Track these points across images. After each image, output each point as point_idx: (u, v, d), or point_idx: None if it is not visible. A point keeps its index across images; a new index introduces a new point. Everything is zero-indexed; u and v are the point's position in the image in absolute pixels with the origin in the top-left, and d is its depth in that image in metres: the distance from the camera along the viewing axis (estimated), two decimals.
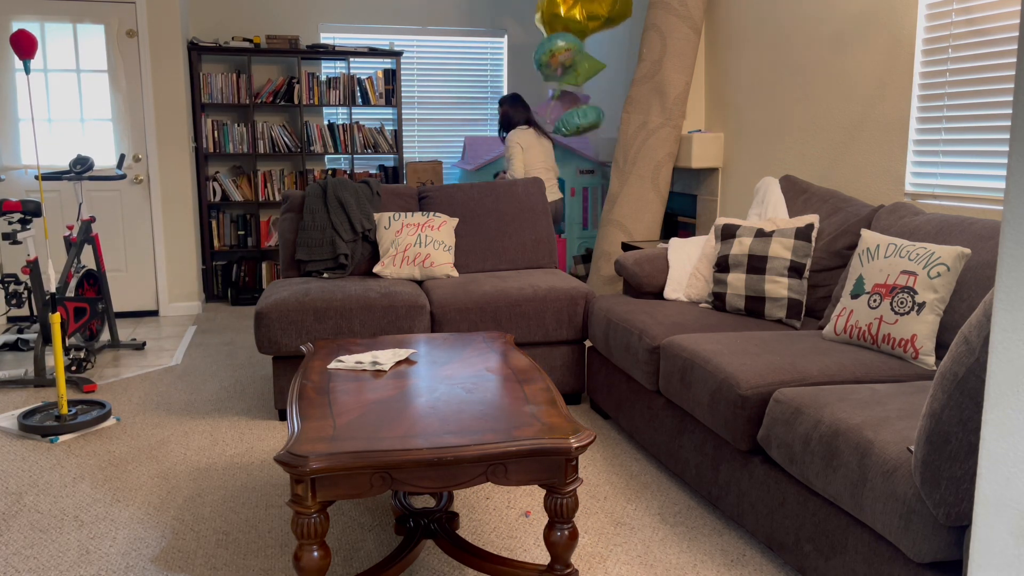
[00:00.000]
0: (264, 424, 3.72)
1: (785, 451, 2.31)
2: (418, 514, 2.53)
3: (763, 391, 2.49)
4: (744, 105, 4.77)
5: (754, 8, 4.63)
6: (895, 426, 2.06)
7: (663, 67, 4.97)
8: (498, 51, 7.09)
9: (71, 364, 4.48)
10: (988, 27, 3.13)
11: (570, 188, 6.56)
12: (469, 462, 1.95)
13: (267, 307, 3.61)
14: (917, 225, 2.94)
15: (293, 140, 6.49)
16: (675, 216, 5.64)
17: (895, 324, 2.64)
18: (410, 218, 4.18)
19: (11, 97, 5.57)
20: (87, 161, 4.84)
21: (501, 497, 2.97)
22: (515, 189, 4.51)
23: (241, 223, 6.57)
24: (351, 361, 2.60)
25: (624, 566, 2.49)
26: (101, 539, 2.67)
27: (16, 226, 4.31)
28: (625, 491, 3.02)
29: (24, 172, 5.66)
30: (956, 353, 1.75)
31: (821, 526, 2.22)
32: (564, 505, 2.07)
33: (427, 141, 7.08)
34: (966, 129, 3.26)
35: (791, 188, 3.76)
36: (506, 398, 2.27)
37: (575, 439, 2.00)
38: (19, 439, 3.55)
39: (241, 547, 2.62)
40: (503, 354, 2.72)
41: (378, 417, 2.13)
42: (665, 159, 5.08)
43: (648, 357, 3.10)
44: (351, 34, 6.82)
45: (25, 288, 4.84)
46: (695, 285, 3.59)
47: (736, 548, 2.61)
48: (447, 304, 3.76)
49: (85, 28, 5.63)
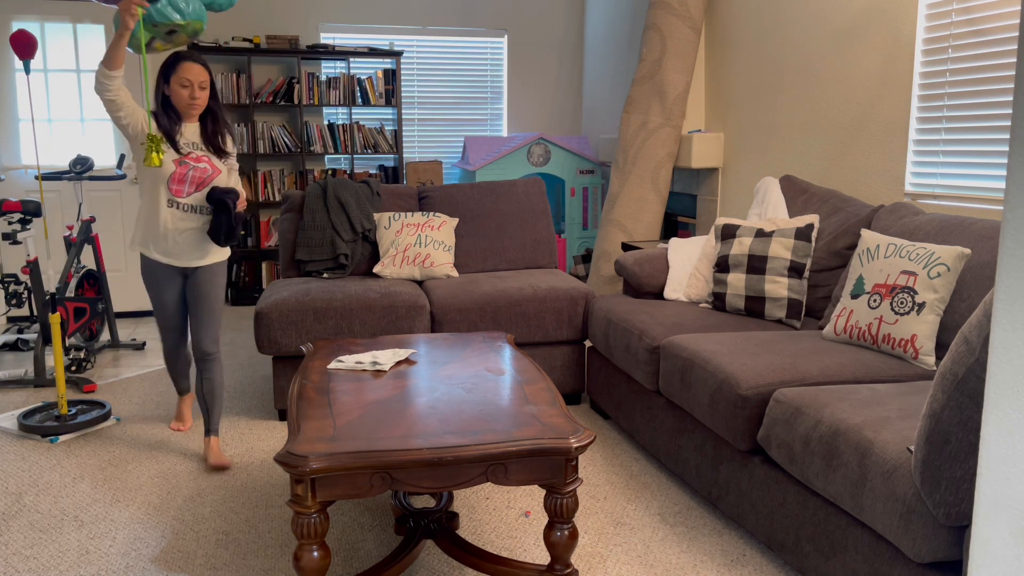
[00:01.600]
0: (264, 424, 3.72)
1: (785, 451, 2.31)
2: (418, 514, 2.53)
3: (763, 391, 2.49)
4: (744, 105, 4.77)
5: (754, 8, 4.63)
6: (895, 426, 2.06)
7: (663, 67, 4.97)
8: (498, 51, 7.09)
9: (71, 364, 4.48)
10: (988, 27, 3.13)
11: (570, 188, 6.56)
12: (469, 462, 1.95)
13: (267, 307, 3.61)
14: (917, 225, 2.94)
15: (293, 140, 6.49)
16: (675, 216, 5.64)
17: (895, 324, 2.64)
18: (410, 218, 4.18)
19: (11, 97, 5.57)
20: (87, 161, 4.84)
21: (501, 497, 2.97)
22: (515, 189, 4.51)
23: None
24: (351, 361, 2.60)
25: (624, 566, 2.49)
26: (101, 539, 2.67)
27: (16, 226, 4.31)
28: (625, 491, 3.02)
29: (24, 172, 5.66)
30: (956, 353, 1.75)
31: (821, 526, 2.22)
32: (564, 505, 2.07)
33: (427, 141, 7.08)
34: (966, 129, 3.26)
35: (791, 188, 3.76)
36: (506, 398, 2.27)
37: (575, 439, 2.00)
38: (19, 439, 3.55)
39: (241, 547, 2.62)
40: (503, 354, 2.72)
41: (378, 417, 2.13)
42: (665, 159, 5.08)
43: (648, 357, 3.10)
44: (351, 34, 6.81)
45: (25, 288, 4.84)
46: (695, 285, 3.59)
47: (736, 548, 2.61)
48: (447, 304, 3.76)
49: (85, 28, 5.63)
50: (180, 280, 3.26)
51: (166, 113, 3.12)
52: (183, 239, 3.17)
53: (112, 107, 3.02)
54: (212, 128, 3.19)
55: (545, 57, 7.16)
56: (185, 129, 3.15)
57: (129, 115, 3.05)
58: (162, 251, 3.18)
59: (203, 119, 3.19)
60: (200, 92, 3.10)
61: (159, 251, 3.18)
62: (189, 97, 3.08)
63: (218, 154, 3.19)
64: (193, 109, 3.12)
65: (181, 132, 3.14)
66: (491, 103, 7.17)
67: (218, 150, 3.19)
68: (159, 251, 3.18)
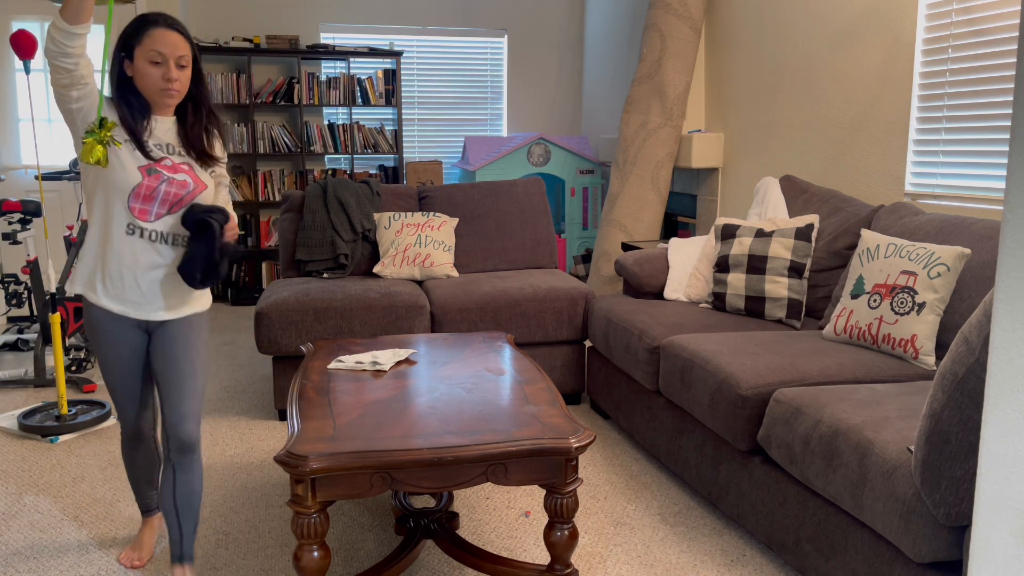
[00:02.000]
0: (264, 424, 3.72)
1: (785, 451, 2.31)
2: (418, 514, 2.53)
3: (763, 391, 2.49)
4: (744, 105, 4.77)
5: (754, 8, 4.63)
6: (895, 426, 2.06)
7: (663, 67, 4.97)
8: (498, 51, 7.09)
9: (71, 364, 4.48)
10: (988, 27, 3.13)
11: (570, 188, 6.56)
12: (469, 462, 1.95)
13: (267, 307, 3.61)
14: (917, 225, 2.94)
15: (293, 140, 6.49)
16: (675, 216, 5.64)
17: (895, 324, 2.64)
18: (410, 218, 4.18)
19: (11, 97, 5.57)
20: None
21: (501, 497, 2.97)
22: (515, 189, 4.51)
23: (241, 223, 6.57)
24: (351, 361, 2.60)
25: (624, 566, 2.49)
26: (101, 539, 2.67)
27: (16, 226, 4.31)
28: (625, 491, 3.02)
29: (24, 172, 5.66)
30: (956, 353, 1.75)
31: (821, 526, 2.22)
32: (564, 505, 2.07)
33: (427, 141, 7.08)
34: (966, 129, 3.26)
35: (791, 188, 3.76)
36: (506, 398, 2.27)
37: (575, 439, 2.00)
38: (19, 439, 3.55)
39: (241, 547, 2.62)
40: (503, 354, 2.72)
41: (378, 417, 2.13)
42: (665, 159, 5.08)
43: (648, 357, 3.10)
44: (351, 34, 6.81)
45: (25, 288, 4.85)
46: (695, 285, 3.59)
47: (736, 548, 2.61)
48: (447, 304, 3.76)
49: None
50: (141, 336, 2.29)
51: (126, 102, 2.16)
52: (147, 282, 2.21)
53: (66, 80, 2.03)
54: (194, 123, 2.25)
55: (545, 57, 7.16)
56: (156, 125, 2.21)
57: (86, 96, 2.08)
58: (115, 296, 2.20)
59: (181, 111, 2.26)
60: (178, 72, 2.14)
61: (110, 296, 2.20)
62: (163, 79, 2.13)
63: (202, 160, 2.25)
64: (168, 97, 2.16)
65: (150, 129, 2.19)
66: (491, 103, 7.17)
67: (202, 154, 2.25)
68: (110, 296, 2.20)
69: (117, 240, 2.17)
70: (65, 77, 2.02)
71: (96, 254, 2.21)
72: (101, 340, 2.26)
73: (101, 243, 2.20)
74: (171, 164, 2.20)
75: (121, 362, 2.28)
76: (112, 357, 2.27)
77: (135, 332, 2.27)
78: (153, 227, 2.19)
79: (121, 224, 2.16)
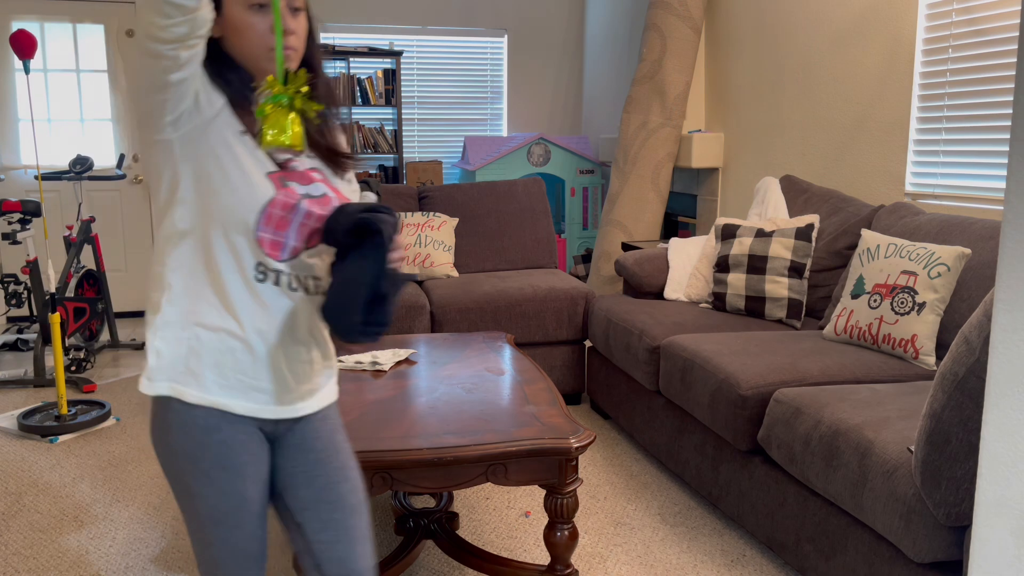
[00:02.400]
0: None
1: (785, 451, 2.31)
2: (418, 514, 2.53)
3: (763, 391, 2.49)
4: (744, 105, 4.77)
5: (754, 8, 4.62)
6: (895, 426, 2.06)
7: (663, 67, 4.97)
8: (498, 51, 7.09)
9: (71, 364, 4.48)
10: (988, 27, 3.13)
11: (570, 188, 6.56)
12: (469, 462, 1.95)
13: None
14: (917, 225, 2.94)
15: None
16: (675, 216, 5.64)
17: (895, 324, 2.64)
18: (410, 218, 4.18)
19: (11, 97, 5.57)
20: (87, 161, 4.84)
21: (501, 497, 2.97)
22: (515, 189, 4.51)
23: None
24: (351, 361, 2.60)
25: (624, 566, 2.49)
26: (101, 539, 2.67)
27: (16, 226, 4.31)
28: (625, 491, 3.02)
29: (24, 172, 5.66)
30: (956, 353, 1.75)
31: (821, 526, 2.22)
32: (564, 505, 2.07)
33: (427, 141, 7.08)
34: (966, 129, 3.26)
35: (791, 188, 3.75)
36: (506, 398, 2.27)
37: (575, 439, 2.00)
38: (19, 439, 3.55)
39: None
40: (503, 354, 2.72)
41: (378, 417, 2.13)
42: (665, 159, 5.08)
43: (648, 357, 3.10)
44: (351, 34, 6.81)
45: (25, 288, 4.85)
46: (695, 285, 3.59)
47: (736, 548, 2.60)
48: (447, 304, 3.76)
49: (85, 28, 5.63)
50: (266, 450, 1.45)
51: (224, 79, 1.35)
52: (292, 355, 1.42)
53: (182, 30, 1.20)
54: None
55: (545, 57, 7.16)
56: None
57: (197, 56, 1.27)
58: (237, 386, 1.37)
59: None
60: (294, 23, 1.37)
61: (230, 387, 1.37)
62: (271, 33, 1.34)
63: (333, 161, 1.46)
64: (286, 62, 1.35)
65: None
66: (491, 103, 7.17)
67: (331, 153, 1.46)
68: (230, 387, 1.37)
69: (237, 294, 1.35)
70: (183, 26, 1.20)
71: (192, 319, 1.35)
72: (210, 467, 1.36)
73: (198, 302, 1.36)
74: (304, 171, 1.40)
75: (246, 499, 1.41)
76: (229, 493, 1.38)
77: (260, 444, 1.42)
78: (290, 269, 1.38)
79: (245, 267, 1.35)
